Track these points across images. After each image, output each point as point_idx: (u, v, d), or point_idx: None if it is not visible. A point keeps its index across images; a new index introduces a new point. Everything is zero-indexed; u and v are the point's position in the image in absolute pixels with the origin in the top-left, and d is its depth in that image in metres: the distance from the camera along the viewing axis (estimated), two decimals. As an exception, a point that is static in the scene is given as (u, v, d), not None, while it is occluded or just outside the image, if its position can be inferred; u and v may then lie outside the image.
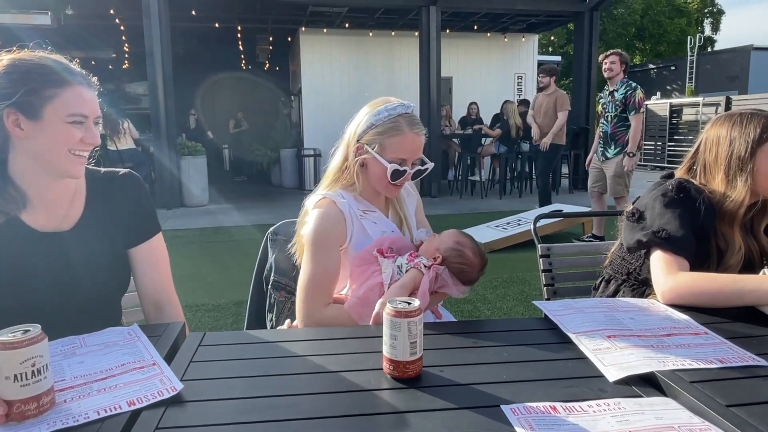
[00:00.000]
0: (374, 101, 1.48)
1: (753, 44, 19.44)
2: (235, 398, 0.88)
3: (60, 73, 1.17)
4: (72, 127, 1.17)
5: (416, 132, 1.44)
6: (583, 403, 0.84)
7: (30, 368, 0.79)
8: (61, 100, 1.15)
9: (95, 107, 1.22)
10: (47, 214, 1.24)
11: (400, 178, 1.44)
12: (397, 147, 1.42)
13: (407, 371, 0.93)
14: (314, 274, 1.38)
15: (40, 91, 1.14)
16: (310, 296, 1.38)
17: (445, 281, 1.38)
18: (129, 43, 11.08)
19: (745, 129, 1.43)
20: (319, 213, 1.41)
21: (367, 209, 1.49)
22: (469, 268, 1.40)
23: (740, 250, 1.43)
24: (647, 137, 14.02)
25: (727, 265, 1.43)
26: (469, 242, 1.43)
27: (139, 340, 1.09)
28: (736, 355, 1.00)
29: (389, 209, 1.58)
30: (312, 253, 1.39)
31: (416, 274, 1.36)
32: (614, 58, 5.15)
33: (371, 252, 1.42)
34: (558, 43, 24.59)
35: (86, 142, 1.19)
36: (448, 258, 1.40)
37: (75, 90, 1.17)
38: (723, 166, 1.45)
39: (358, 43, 10.98)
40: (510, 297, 3.95)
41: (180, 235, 6.37)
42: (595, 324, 1.15)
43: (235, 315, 3.64)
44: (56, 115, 1.15)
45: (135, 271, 1.36)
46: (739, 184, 1.41)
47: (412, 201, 1.65)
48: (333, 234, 1.41)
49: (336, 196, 1.44)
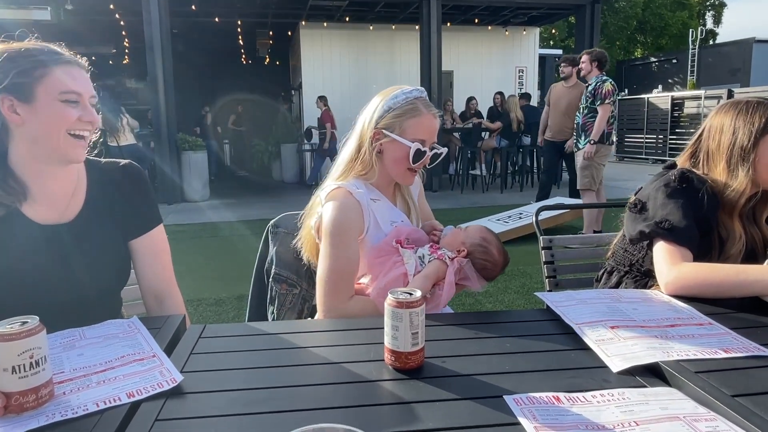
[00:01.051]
0: (386, 89, 1.48)
1: (755, 37, 19.36)
2: (236, 389, 0.87)
3: (46, 54, 1.16)
4: (67, 106, 1.16)
5: (433, 114, 1.45)
6: (586, 394, 0.83)
7: (28, 360, 0.78)
8: (51, 78, 1.14)
9: (88, 86, 1.20)
10: (48, 206, 1.23)
11: (420, 159, 1.43)
12: (416, 128, 1.42)
13: (409, 362, 0.92)
14: (336, 266, 1.35)
15: (30, 72, 1.13)
16: (333, 289, 1.34)
17: (467, 274, 1.38)
18: (129, 38, 11.06)
19: (750, 118, 1.41)
20: (337, 204, 1.38)
21: (376, 198, 1.47)
22: (492, 265, 1.41)
23: (740, 240, 1.42)
24: (648, 131, 13.99)
25: (728, 254, 1.42)
26: (495, 240, 1.44)
27: (139, 332, 1.08)
28: (741, 345, 0.99)
29: (397, 198, 1.57)
30: (332, 245, 1.36)
31: (440, 265, 1.36)
32: (584, 57, 5.40)
33: (390, 243, 1.41)
34: (559, 37, 24.49)
35: (84, 120, 1.18)
36: (473, 253, 1.40)
37: (65, 68, 1.16)
38: (725, 155, 1.44)
39: (358, 37, 10.95)
40: (511, 290, 3.94)
41: (181, 230, 6.37)
42: (598, 315, 1.14)
43: (236, 309, 3.64)
44: (49, 95, 1.14)
45: (136, 263, 1.35)
46: (741, 174, 1.40)
47: (416, 188, 1.65)
48: (352, 224, 1.38)
49: (351, 186, 1.41)
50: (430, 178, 9.07)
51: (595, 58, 5.30)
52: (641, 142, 14.28)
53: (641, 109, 14.27)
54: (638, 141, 14.41)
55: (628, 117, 14.66)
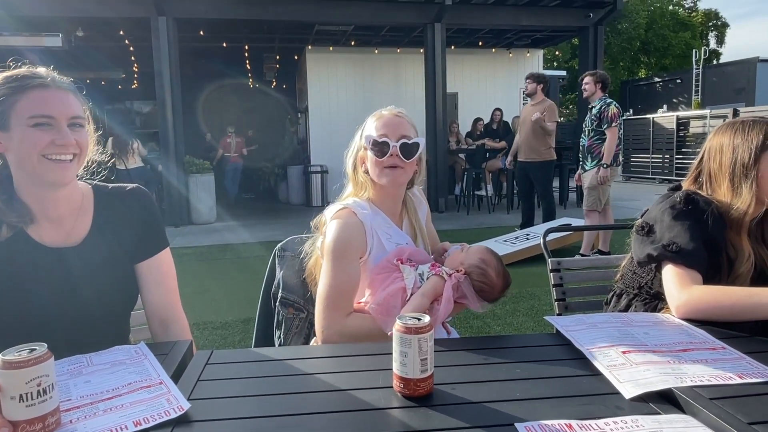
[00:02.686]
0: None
1: (759, 56, 19.42)
2: (243, 417, 0.86)
3: (22, 79, 1.15)
4: (36, 130, 1.14)
5: (393, 112, 1.48)
6: (599, 421, 0.82)
7: (36, 388, 0.78)
8: (21, 104, 1.14)
9: (64, 108, 1.17)
10: (53, 229, 1.24)
11: (386, 151, 1.42)
12: (376, 127, 1.45)
13: (418, 389, 0.91)
14: (335, 284, 1.35)
15: (6, 100, 1.14)
16: (331, 306, 1.35)
17: (465, 293, 1.37)
18: (138, 63, 11.24)
19: (748, 136, 1.42)
20: (339, 223, 1.40)
21: (381, 220, 1.48)
22: (489, 288, 1.39)
23: (750, 258, 1.41)
24: (654, 150, 13.98)
25: (737, 274, 1.40)
26: (495, 262, 1.41)
27: (146, 358, 1.08)
28: (756, 371, 0.97)
29: (403, 221, 1.57)
30: (332, 263, 1.37)
31: (437, 281, 1.35)
32: (588, 79, 5.40)
33: (391, 261, 1.41)
34: (563, 58, 24.71)
35: (58, 143, 1.15)
36: (470, 274, 1.38)
37: (36, 92, 1.15)
38: (727, 175, 1.44)
39: (363, 61, 11.08)
40: (520, 312, 3.90)
41: (188, 253, 6.38)
42: (609, 339, 1.12)
43: (242, 332, 3.62)
44: (19, 121, 1.14)
45: (142, 286, 1.35)
46: (744, 191, 1.40)
47: (423, 211, 1.65)
48: (354, 244, 1.39)
49: (356, 206, 1.43)
50: (436, 199, 9.07)
51: (599, 79, 5.32)
52: (647, 162, 14.26)
53: (647, 128, 14.29)
54: (644, 161, 14.39)
55: (634, 137, 14.68)
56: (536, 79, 6.21)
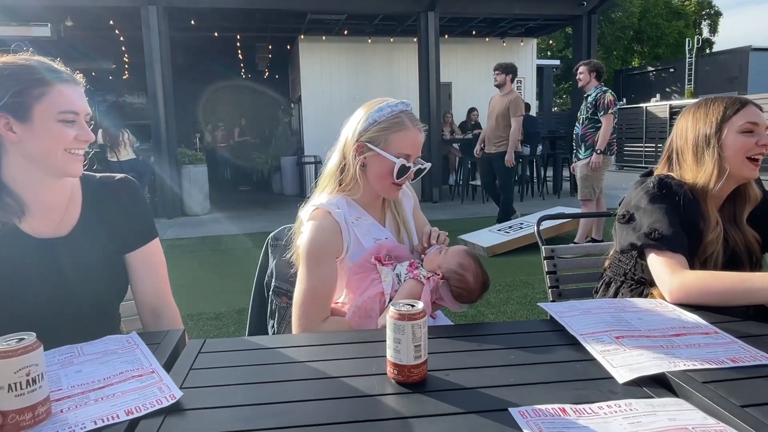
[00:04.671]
0: (370, 102, 1.45)
1: (751, 45, 19.47)
2: (236, 405, 0.86)
3: (46, 72, 1.16)
4: (64, 126, 1.16)
5: (418, 128, 1.43)
6: (593, 405, 0.82)
7: (25, 377, 0.77)
8: (49, 98, 1.14)
9: (84, 104, 1.21)
10: (43, 219, 1.22)
11: (404, 175, 1.41)
12: (401, 142, 1.39)
13: (412, 375, 0.91)
14: (310, 288, 1.35)
15: (28, 92, 1.13)
16: (306, 311, 1.34)
17: (442, 295, 1.36)
18: (129, 53, 11.12)
19: (710, 111, 1.47)
20: (314, 225, 1.37)
21: (359, 216, 1.45)
22: (467, 293, 1.36)
23: (718, 227, 1.43)
24: (647, 139, 14.02)
25: (706, 242, 1.42)
26: (473, 265, 1.37)
27: (138, 348, 1.07)
28: (749, 355, 0.97)
29: (386, 215, 1.54)
30: (307, 267, 1.35)
31: (414, 285, 1.34)
32: (582, 68, 5.39)
33: (369, 260, 1.39)
34: (557, 48, 24.66)
35: (80, 139, 1.18)
36: (449, 279, 1.36)
37: (63, 88, 1.16)
38: (691, 148, 1.48)
39: (357, 50, 11.00)
40: (513, 301, 3.92)
41: (181, 244, 6.36)
42: (602, 325, 1.12)
43: (236, 323, 3.62)
44: (46, 115, 1.14)
45: (132, 276, 1.34)
46: (707, 160, 1.44)
47: (409, 202, 1.61)
48: (329, 246, 1.37)
49: (332, 206, 1.39)
50: (430, 189, 9.07)
51: (594, 68, 5.32)
52: (640, 151, 14.30)
53: (640, 118, 14.30)
54: (638, 150, 14.43)
55: (627, 126, 14.69)
56: (505, 70, 6.08)
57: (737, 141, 1.41)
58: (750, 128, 1.42)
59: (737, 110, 1.43)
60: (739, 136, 1.42)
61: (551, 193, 9.58)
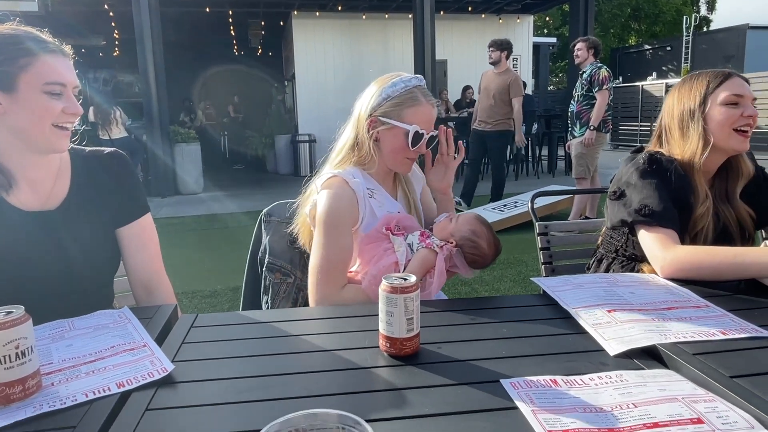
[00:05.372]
0: (383, 77, 1.45)
1: (749, 23, 19.31)
2: (228, 378, 0.86)
3: (32, 41, 1.12)
4: (50, 99, 1.13)
5: (431, 103, 1.44)
6: (584, 377, 0.82)
7: (14, 350, 0.77)
8: (35, 69, 1.11)
9: (72, 76, 1.17)
10: (32, 192, 1.21)
11: (418, 144, 1.40)
12: (414, 117, 1.39)
13: (404, 348, 0.91)
14: (329, 256, 1.33)
15: (14, 61, 1.10)
16: (325, 279, 1.33)
17: (456, 263, 1.37)
18: (119, 29, 10.92)
19: (695, 85, 1.48)
20: (331, 193, 1.36)
21: (373, 188, 1.45)
22: (482, 259, 1.39)
23: (707, 200, 1.43)
24: (643, 118, 13.98)
25: (696, 216, 1.43)
26: (485, 232, 1.39)
27: (130, 322, 1.07)
28: (739, 327, 0.98)
29: (398, 192, 1.55)
30: (325, 235, 1.34)
31: (428, 254, 1.34)
32: (580, 44, 5.32)
33: (380, 230, 1.39)
34: (553, 25, 24.39)
35: (68, 112, 1.15)
36: (462, 247, 1.37)
37: (49, 58, 1.13)
38: (677, 123, 1.49)
39: (351, 26, 10.85)
40: (507, 278, 3.94)
41: (175, 223, 6.33)
42: (594, 299, 1.13)
43: (231, 301, 3.62)
44: (32, 86, 1.11)
45: (124, 252, 1.33)
46: (692, 133, 1.45)
47: (419, 184, 1.63)
48: (346, 214, 1.36)
49: (348, 175, 1.39)
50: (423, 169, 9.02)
51: (592, 45, 5.27)
52: (635, 130, 14.27)
53: (635, 96, 14.25)
54: (633, 129, 14.40)
55: (623, 105, 14.64)
56: (500, 47, 5.93)
57: (721, 113, 1.41)
58: (734, 100, 1.41)
59: (720, 83, 1.43)
60: (723, 108, 1.41)
61: (546, 172, 9.57)
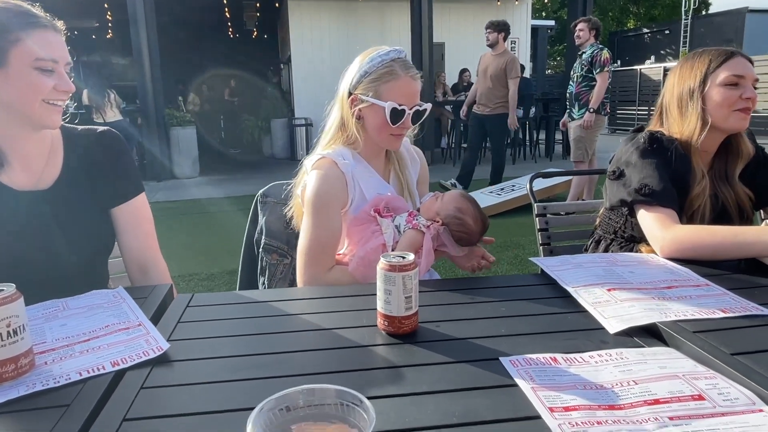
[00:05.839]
0: (366, 51, 1.41)
1: (748, 6, 19.16)
2: (224, 357, 0.85)
3: (23, 16, 1.10)
4: (41, 75, 1.10)
5: (411, 75, 1.38)
6: (584, 354, 0.81)
7: (5, 329, 0.75)
8: (26, 44, 1.08)
9: (64, 53, 1.14)
10: (23, 171, 1.18)
11: (400, 120, 1.36)
12: (393, 92, 1.35)
13: (402, 327, 0.90)
14: (317, 237, 1.33)
15: (4, 35, 1.07)
16: (313, 260, 1.32)
17: (443, 241, 1.35)
18: (111, 11, 10.75)
19: (696, 64, 1.46)
20: (320, 174, 1.34)
21: (363, 169, 1.43)
22: (468, 236, 1.37)
23: (704, 180, 1.43)
24: (641, 102, 13.93)
25: (692, 195, 1.42)
26: (471, 208, 1.38)
27: (125, 302, 1.05)
28: (739, 305, 0.97)
29: (390, 173, 1.52)
30: (313, 216, 1.33)
31: (415, 235, 1.33)
32: (582, 25, 5.24)
33: (368, 212, 1.37)
34: (552, 8, 24.14)
35: (59, 89, 1.13)
36: (449, 225, 1.36)
37: (41, 33, 1.10)
38: (676, 102, 1.47)
39: (347, 9, 10.71)
40: (505, 261, 3.94)
41: (172, 207, 6.30)
42: (594, 278, 1.12)
43: (228, 283, 3.62)
44: (23, 61, 1.08)
45: (118, 232, 1.31)
46: (691, 112, 1.43)
47: (416, 168, 1.58)
48: (335, 196, 1.35)
49: (337, 156, 1.37)
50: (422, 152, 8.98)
51: (594, 26, 5.20)
52: (633, 114, 14.23)
53: (633, 80, 14.18)
54: (630, 113, 14.36)
55: (621, 88, 14.57)
56: (497, 28, 5.87)
57: (720, 94, 1.39)
58: (734, 81, 1.39)
59: (722, 62, 1.41)
60: (722, 89, 1.39)
61: (543, 156, 9.54)
